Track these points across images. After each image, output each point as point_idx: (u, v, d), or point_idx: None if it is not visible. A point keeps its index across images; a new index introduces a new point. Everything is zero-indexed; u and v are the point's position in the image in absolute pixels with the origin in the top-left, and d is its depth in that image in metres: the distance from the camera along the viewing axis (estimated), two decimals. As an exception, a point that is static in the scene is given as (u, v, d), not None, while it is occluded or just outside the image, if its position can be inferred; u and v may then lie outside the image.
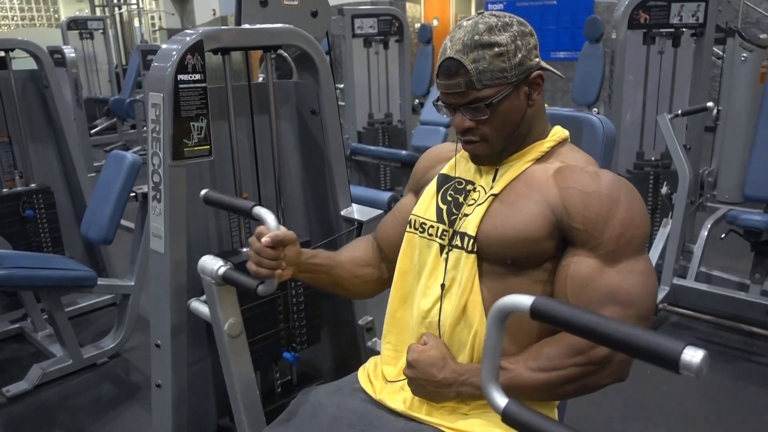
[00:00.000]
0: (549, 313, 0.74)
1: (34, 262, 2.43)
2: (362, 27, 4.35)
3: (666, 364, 0.64)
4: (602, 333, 0.70)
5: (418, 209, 1.24)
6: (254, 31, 1.64)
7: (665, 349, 0.64)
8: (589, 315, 0.72)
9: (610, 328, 0.70)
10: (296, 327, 1.79)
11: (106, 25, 8.20)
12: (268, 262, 1.16)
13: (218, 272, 1.24)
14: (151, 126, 1.49)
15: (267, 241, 1.14)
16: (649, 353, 0.66)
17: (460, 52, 1.08)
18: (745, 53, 4.28)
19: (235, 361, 1.31)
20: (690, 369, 0.62)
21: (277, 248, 1.16)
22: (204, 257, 1.26)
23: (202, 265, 1.26)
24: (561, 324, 0.74)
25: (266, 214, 1.19)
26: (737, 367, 2.55)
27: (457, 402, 1.12)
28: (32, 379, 2.49)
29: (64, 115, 2.97)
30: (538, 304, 0.74)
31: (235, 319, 1.29)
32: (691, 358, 0.62)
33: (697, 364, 0.61)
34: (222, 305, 1.27)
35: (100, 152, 6.37)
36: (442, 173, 1.26)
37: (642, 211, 1.08)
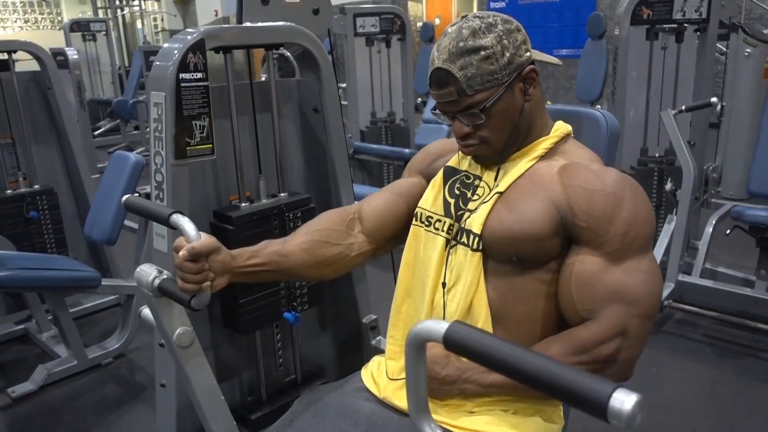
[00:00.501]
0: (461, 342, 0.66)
1: (39, 263, 2.43)
2: (364, 26, 4.34)
3: (591, 409, 0.55)
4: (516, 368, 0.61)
5: (424, 202, 1.23)
6: (256, 29, 1.63)
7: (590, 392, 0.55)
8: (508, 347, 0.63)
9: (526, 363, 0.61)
10: (296, 287, 1.76)
11: (109, 27, 8.22)
12: (192, 277, 1.06)
13: (153, 283, 1.08)
14: (153, 125, 1.49)
15: (184, 255, 1.05)
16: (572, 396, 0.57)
17: (447, 61, 1.07)
18: (749, 49, 4.26)
19: (192, 372, 1.19)
20: (619, 418, 0.53)
21: (200, 260, 1.06)
22: (140, 266, 1.12)
23: (138, 276, 1.11)
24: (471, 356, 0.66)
25: (184, 223, 1.07)
26: (743, 364, 2.54)
27: (461, 399, 1.11)
28: (37, 379, 2.49)
29: (67, 116, 2.97)
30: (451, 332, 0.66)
31: (184, 328, 1.14)
32: (620, 405, 0.54)
33: (627, 411, 0.53)
34: (166, 317, 1.13)
35: (104, 153, 6.38)
36: (448, 165, 1.25)
37: (647, 209, 1.07)
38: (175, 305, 1.13)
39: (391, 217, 1.31)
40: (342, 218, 1.32)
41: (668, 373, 2.50)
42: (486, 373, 1.07)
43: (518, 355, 0.62)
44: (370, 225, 1.31)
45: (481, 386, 1.07)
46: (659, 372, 2.50)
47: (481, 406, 1.11)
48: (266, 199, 1.74)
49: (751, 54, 4.27)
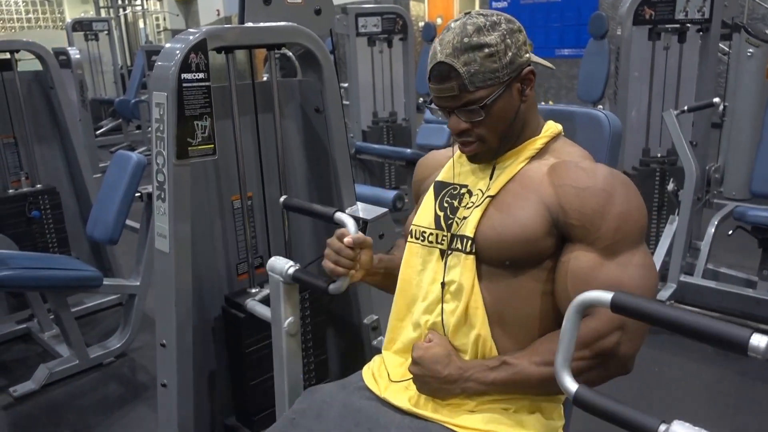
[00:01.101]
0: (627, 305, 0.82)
1: (40, 262, 2.44)
2: (366, 26, 4.34)
3: (736, 348, 0.72)
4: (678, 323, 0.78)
5: (417, 219, 1.25)
6: (258, 29, 1.64)
7: (735, 335, 0.73)
8: (665, 308, 0.80)
9: (684, 318, 0.78)
10: (305, 363, 1.79)
11: (111, 27, 8.23)
12: (346, 262, 1.21)
13: (288, 271, 1.31)
14: (155, 125, 1.49)
15: (349, 242, 1.20)
16: (721, 339, 0.74)
17: (450, 56, 1.07)
18: (752, 49, 4.25)
19: (288, 359, 1.37)
20: (757, 351, 0.71)
21: (355, 250, 1.21)
22: (274, 257, 1.35)
23: (272, 264, 1.34)
24: (636, 315, 0.82)
25: (347, 219, 1.27)
26: (744, 365, 2.54)
27: (462, 398, 1.12)
28: (39, 379, 2.50)
29: (69, 116, 2.98)
30: (617, 299, 0.83)
31: (295, 318, 1.35)
32: (758, 342, 0.71)
33: (763, 347, 0.70)
34: (286, 303, 1.34)
35: (106, 153, 6.39)
36: (438, 180, 1.26)
37: (638, 204, 1.07)
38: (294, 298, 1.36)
39: None
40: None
41: (670, 373, 2.50)
42: (487, 371, 1.07)
43: (675, 313, 0.80)
44: None
45: (483, 384, 1.08)
46: (661, 372, 2.50)
47: (482, 405, 1.11)
48: None
49: (753, 54, 4.27)
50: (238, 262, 1.81)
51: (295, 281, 1.33)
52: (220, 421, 1.84)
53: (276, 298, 1.36)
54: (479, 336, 1.11)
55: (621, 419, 0.82)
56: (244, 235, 1.77)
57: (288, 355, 1.38)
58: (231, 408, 1.86)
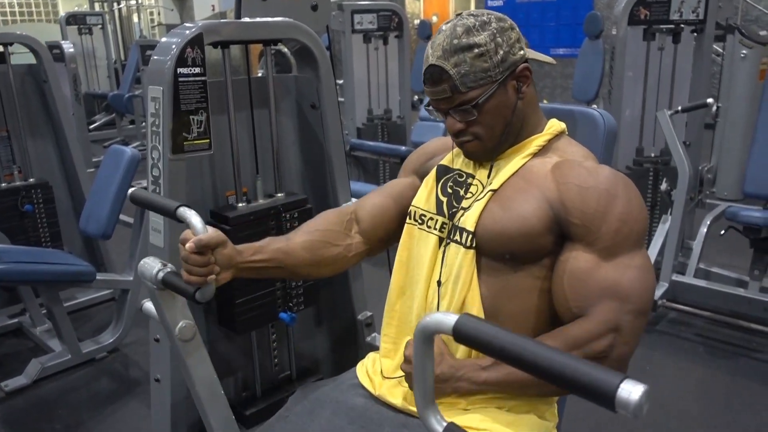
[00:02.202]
0: (470, 334, 0.67)
1: (33, 256, 2.43)
2: (362, 22, 4.34)
3: (600, 400, 0.57)
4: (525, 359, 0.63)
5: (417, 201, 1.24)
6: (254, 24, 1.63)
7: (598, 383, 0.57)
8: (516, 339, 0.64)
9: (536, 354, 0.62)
10: (293, 287, 1.76)
11: (105, 21, 8.18)
12: (197, 270, 1.07)
13: (157, 276, 1.11)
14: (150, 120, 1.48)
15: (191, 247, 1.06)
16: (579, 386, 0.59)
17: (441, 59, 1.08)
18: (745, 50, 4.27)
19: (193, 365, 1.20)
20: (627, 407, 0.55)
21: (206, 253, 1.08)
22: (144, 259, 1.13)
23: (141, 268, 1.13)
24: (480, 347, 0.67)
25: (191, 216, 1.09)
26: (736, 364, 2.56)
27: (455, 397, 1.12)
28: (31, 373, 2.49)
29: (62, 109, 2.96)
30: (460, 324, 0.67)
31: (186, 321, 1.16)
32: (628, 395, 0.55)
33: (635, 401, 0.55)
34: (168, 310, 1.15)
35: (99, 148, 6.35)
36: (441, 164, 1.26)
37: (640, 206, 1.07)
38: (177, 299, 1.15)
39: (386, 218, 1.32)
40: (340, 219, 1.33)
41: (662, 372, 2.51)
42: (480, 370, 1.07)
43: (526, 347, 0.63)
44: (366, 226, 1.32)
45: (475, 384, 1.07)
46: (653, 371, 2.51)
47: (475, 404, 1.12)
48: (263, 199, 1.73)
49: (747, 55, 4.29)
50: (232, 258, 1.81)
51: (166, 287, 1.11)
52: (213, 416, 1.83)
53: (157, 306, 1.17)
54: None
55: None
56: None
57: (194, 363, 1.20)
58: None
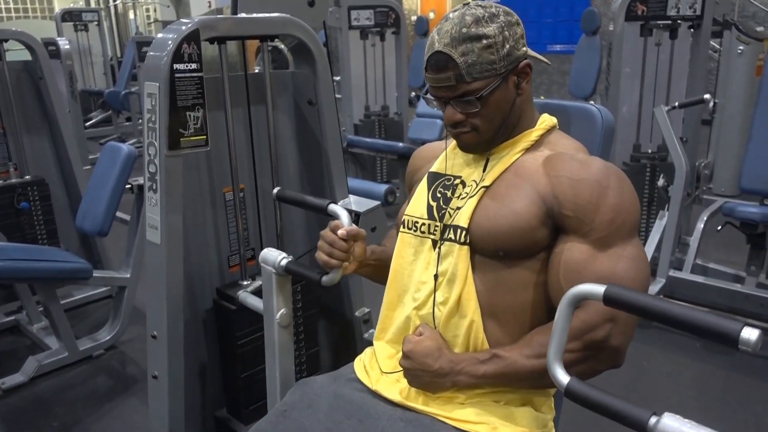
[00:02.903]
0: (620, 299, 0.83)
1: (29, 254, 2.42)
2: (359, 19, 4.33)
3: (727, 341, 0.73)
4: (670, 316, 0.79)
5: (410, 209, 1.25)
6: (251, 20, 1.63)
7: (726, 328, 0.73)
8: (657, 301, 0.81)
9: (676, 311, 0.79)
10: (297, 356, 1.80)
11: (101, 17, 8.15)
12: (339, 254, 1.21)
13: (280, 263, 1.31)
14: (146, 116, 1.48)
15: (343, 233, 1.20)
16: (713, 333, 0.75)
17: (448, 46, 1.07)
18: (742, 46, 4.28)
19: (280, 351, 1.38)
20: (748, 344, 0.71)
21: (349, 242, 1.21)
22: (267, 249, 1.34)
23: (265, 255, 1.33)
24: (629, 309, 0.83)
25: (341, 211, 1.27)
26: (732, 359, 2.56)
27: (453, 392, 1.12)
28: (28, 371, 2.48)
29: (58, 106, 2.95)
30: (610, 292, 0.83)
31: (287, 310, 1.35)
32: (748, 336, 0.71)
33: (754, 340, 0.71)
34: (278, 295, 1.34)
35: (96, 145, 6.34)
36: (431, 171, 1.26)
37: (632, 197, 1.08)
38: (286, 287, 1.36)
39: None
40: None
41: (658, 367, 2.52)
42: (478, 364, 1.08)
43: (667, 306, 0.80)
44: None
45: (474, 377, 1.08)
46: (650, 366, 2.52)
47: (472, 398, 1.12)
48: None
49: (743, 51, 4.29)
50: (229, 254, 1.81)
51: (287, 273, 1.32)
52: (211, 413, 1.84)
53: (268, 290, 1.36)
54: (472, 322, 1.11)
55: (612, 411, 0.83)
56: (236, 227, 1.77)
57: (280, 347, 1.38)
58: (222, 400, 1.86)
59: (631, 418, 0.81)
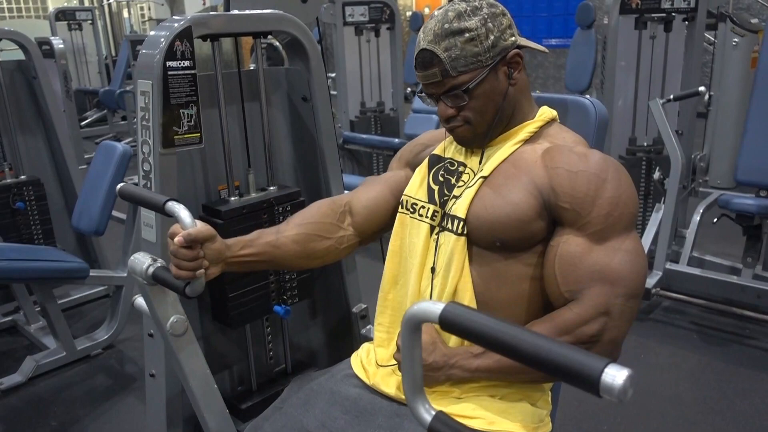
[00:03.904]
0: (457, 322, 0.66)
1: (26, 254, 2.41)
2: (353, 15, 4.32)
3: (584, 385, 0.57)
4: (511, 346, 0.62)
5: (409, 189, 1.24)
6: (243, 16, 1.62)
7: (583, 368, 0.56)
8: (502, 326, 0.63)
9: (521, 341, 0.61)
10: (286, 280, 1.76)
11: (95, 16, 8.12)
12: (186, 264, 1.07)
13: (147, 271, 1.10)
14: (140, 114, 1.47)
15: (180, 241, 1.06)
16: (564, 372, 0.58)
17: (432, 43, 1.08)
18: (737, 38, 4.28)
19: (185, 360, 1.21)
20: (611, 392, 0.55)
21: (195, 247, 1.08)
22: (134, 255, 1.14)
23: (131, 264, 1.13)
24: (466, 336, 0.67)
25: (180, 210, 1.08)
26: (729, 351, 2.57)
27: (449, 386, 1.12)
28: (26, 371, 2.48)
29: (53, 106, 2.94)
30: (447, 313, 0.67)
31: (177, 316, 1.16)
32: (612, 380, 0.55)
33: (619, 386, 0.54)
34: (159, 305, 1.15)
35: (91, 144, 6.32)
36: (433, 153, 1.26)
37: (630, 190, 1.08)
38: (169, 294, 1.15)
39: (381, 210, 1.32)
40: (333, 210, 1.33)
41: (656, 359, 2.52)
42: (472, 358, 1.08)
43: (512, 333, 0.62)
44: (360, 219, 1.32)
45: (468, 371, 1.08)
46: (647, 359, 2.53)
47: (468, 393, 1.12)
48: (255, 192, 1.73)
49: (738, 44, 4.30)
50: (225, 252, 1.80)
51: (156, 281, 1.11)
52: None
53: (148, 301, 1.17)
54: None
55: None
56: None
57: (186, 358, 1.20)
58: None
59: None
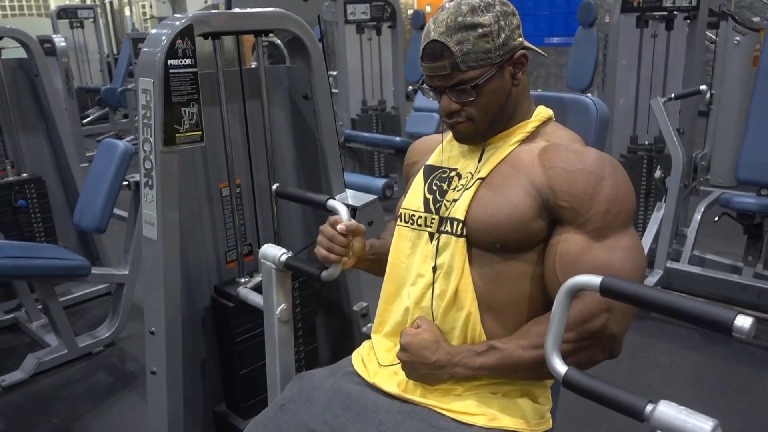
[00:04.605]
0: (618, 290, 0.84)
1: (28, 251, 2.42)
2: (354, 13, 4.32)
3: (721, 329, 0.75)
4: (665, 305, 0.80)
5: (406, 203, 1.25)
6: (245, 15, 1.62)
7: (721, 316, 0.75)
8: (652, 291, 0.82)
9: (671, 301, 0.80)
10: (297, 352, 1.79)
11: (97, 14, 8.13)
12: (339, 249, 1.22)
13: (280, 258, 1.32)
14: (141, 112, 1.48)
15: (342, 229, 1.21)
16: (707, 321, 0.76)
17: (444, 35, 1.08)
18: (738, 37, 4.27)
19: (280, 346, 1.38)
20: (742, 332, 0.73)
21: (348, 237, 1.22)
22: (266, 245, 1.35)
23: (265, 251, 1.34)
24: (625, 299, 0.84)
25: (340, 207, 1.28)
26: (729, 349, 2.57)
27: (451, 384, 1.12)
28: (27, 368, 2.49)
29: (54, 104, 2.95)
30: (606, 283, 0.85)
31: (287, 305, 1.36)
32: (743, 323, 0.73)
33: (747, 327, 0.72)
34: (278, 291, 1.35)
35: (93, 142, 6.32)
36: (427, 164, 1.27)
37: (627, 187, 1.08)
38: (286, 283, 1.36)
39: None
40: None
41: (657, 358, 2.52)
42: (475, 356, 1.08)
43: (662, 295, 0.82)
44: None
45: (471, 369, 1.08)
46: (648, 357, 2.53)
47: (470, 390, 1.12)
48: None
49: (740, 42, 4.29)
50: (227, 250, 1.81)
51: (287, 268, 1.33)
52: (210, 407, 1.84)
53: (268, 286, 1.36)
54: (469, 314, 1.11)
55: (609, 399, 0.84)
56: (232, 222, 1.77)
57: (280, 342, 1.38)
58: (220, 395, 1.86)
59: (628, 405, 0.82)
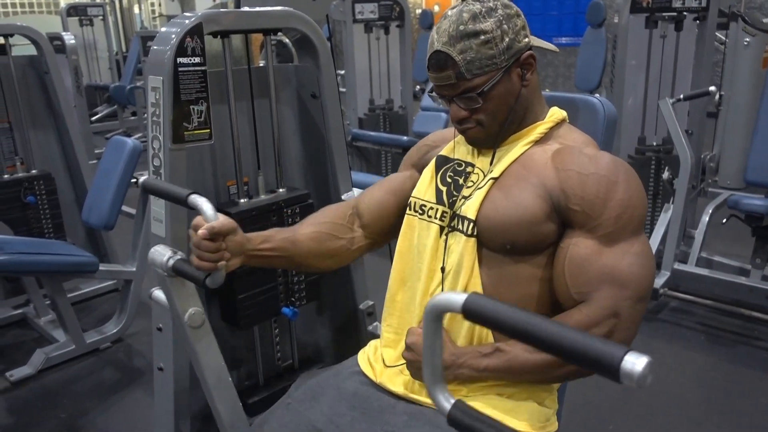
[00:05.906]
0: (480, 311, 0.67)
1: (36, 247, 2.44)
2: (363, 12, 4.32)
3: (604, 371, 0.57)
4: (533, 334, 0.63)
5: (417, 191, 1.24)
6: (254, 13, 1.63)
7: (603, 354, 0.58)
8: (524, 315, 0.65)
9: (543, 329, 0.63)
10: (294, 282, 1.77)
11: (106, 12, 8.16)
12: (208, 255, 1.10)
13: (168, 263, 1.13)
14: (150, 110, 1.48)
15: (203, 234, 1.08)
16: (585, 359, 0.59)
17: (446, 44, 1.07)
18: (748, 38, 4.25)
19: (202, 352, 1.23)
20: (631, 378, 0.56)
21: (217, 240, 1.10)
22: (155, 247, 1.16)
23: (152, 256, 1.16)
24: (491, 324, 0.68)
25: (202, 203, 1.10)
26: (736, 352, 2.56)
27: (456, 384, 1.12)
28: (35, 363, 2.51)
29: (64, 101, 2.97)
30: (469, 303, 0.68)
31: (195, 308, 1.19)
32: (632, 366, 0.56)
33: (639, 372, 0.55)
34: (178, 297, 1.18)
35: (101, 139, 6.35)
36: (440, 154, 1.26)
37: (640, 193, 1.07)
38: (187, 286, 1.18)
39: (385, 212, 1.33)
40: (343, 213, 1.36)
41: (663, 360, 2.52)
42: (480, 357, 1.08)
43: (534, 322, 0.64)
44: (367, 221, 1.34)
45: (476, 370, 1.08)
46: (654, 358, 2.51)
47: (475, 392, 1.12)
48: (265, 194, 1.74)
49: (750, 43, 4.26)
50: (234, 248, 1.81)
51: (177, 274, 1.14)
52: (216, 405, 1.85)
53: (167, 293, 1.21)
54: None
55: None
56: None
57: (202, 350, 1.23)
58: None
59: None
